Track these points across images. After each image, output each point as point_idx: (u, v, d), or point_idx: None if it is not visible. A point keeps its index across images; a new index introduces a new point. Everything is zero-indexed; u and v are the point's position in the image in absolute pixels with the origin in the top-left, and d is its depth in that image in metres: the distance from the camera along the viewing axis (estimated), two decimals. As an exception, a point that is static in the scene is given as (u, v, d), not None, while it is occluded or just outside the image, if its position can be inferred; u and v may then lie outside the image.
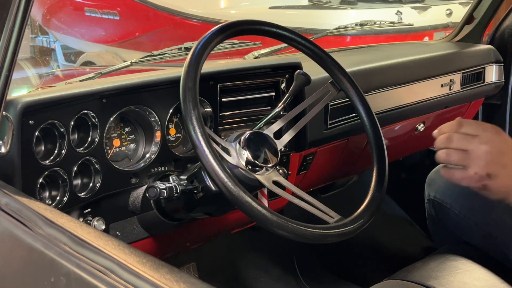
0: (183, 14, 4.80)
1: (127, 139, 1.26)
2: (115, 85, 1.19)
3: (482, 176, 0.98)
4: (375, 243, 2.17)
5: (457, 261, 1.37)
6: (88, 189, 1.17)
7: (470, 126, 1.01)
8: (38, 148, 1.10)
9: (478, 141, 0.99)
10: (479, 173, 0.97)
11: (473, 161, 0.98)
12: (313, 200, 1.06)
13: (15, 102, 1.01)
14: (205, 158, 0.97)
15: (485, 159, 0.97)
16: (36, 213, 0.84)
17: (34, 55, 6.07)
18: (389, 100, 1.76)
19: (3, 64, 0.92)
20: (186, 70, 1.03)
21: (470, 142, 0.99)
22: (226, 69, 1.37)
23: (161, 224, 1.27)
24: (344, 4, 4.47)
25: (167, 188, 1.13)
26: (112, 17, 5.21)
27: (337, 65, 1.22)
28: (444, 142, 1.02)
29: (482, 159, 0.97)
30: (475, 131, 1.00)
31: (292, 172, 1.49)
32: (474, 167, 0.98)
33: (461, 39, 2.20)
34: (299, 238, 0.98)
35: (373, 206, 1.08)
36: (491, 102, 2.24)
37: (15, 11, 0.91)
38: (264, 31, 1.19)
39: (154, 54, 1.66)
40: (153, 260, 0.72)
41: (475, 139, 0.99)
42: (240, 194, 0.96)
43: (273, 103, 1.44)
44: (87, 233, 0.78)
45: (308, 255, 2.10)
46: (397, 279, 1.32)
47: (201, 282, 0.68)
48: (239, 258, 2.02)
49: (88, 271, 0.71)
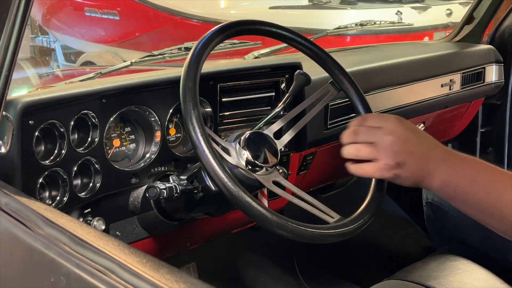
0: (183, 14, 4.80)
1: (127, 139, 1.26)
2: (115, 85, 1.19)
3: (392, 165, 0.99)
4: (375, 243, 2.17)
5: (457, 261, 1.37)
6: (88, 189, 1.17)
7: (373, 118, 1.03)
8: (38, 148, 1.10)
9: (382, 132, 1.00)
10: (388, 164, 0.99)
11: (381, 152, 0.99)
12: (313, 200, 1.06)
13: (15, 102, 1.01)
14: (205, 158, 0.97)
15: (392, 149, 0.99)
16: (36, 213, 0.84)
17: (34, 55, 6.07)
18: (389, 100, 1.76)
19: (3, 64, 0.92)
20: (186, 70, 1.03)
21: (375, 134, 1.00)
22: (226, 69, 1.37)
23: (161, 224, 1.26)
24: (344, 4, 4.47)
25: (167, 188, 1.13)
26: (112, 17, 5.21)
27: (337, 65, 1.22)
28: (351, 136, 1.03)
29: (389, 150, 0.99)
30: (379, 123, 1.02)
31: (292, 172, 1.49)
32: (383, 158, 0.99)
33: (461, 39, 2.20)
34: (299, 238, 0.98)
35: (373, 206, 1.08)
36: (491, 102, 2.24)
37: (15, 11, 0.91)
38: (264, 31, 1.19)
39: (154, 54, 1.66)
40: (153, 260, 0.72)
41: (380, 131, 1.01)
42: (240, 194, 0.96)
43: (273, 103, 1.44)
44: (87, 233, 0.78)
45: (308, 255, 2.10)
46: (397, 279, 1.32)
47: (201, 282, 0.68)
48: (239, 258, 2.02)
49: (88, 271, 0.71)
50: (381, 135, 1.00)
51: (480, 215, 1.00)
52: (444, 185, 1.00)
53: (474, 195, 0.98)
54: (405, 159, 0.99)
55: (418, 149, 1.00)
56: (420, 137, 1.03)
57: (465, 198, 0.99)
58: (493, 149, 2.27)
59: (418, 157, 1.00)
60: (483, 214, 0.99)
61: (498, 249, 1.39)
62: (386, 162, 0.99)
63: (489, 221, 1.00)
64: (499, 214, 0.96)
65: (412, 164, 0.99)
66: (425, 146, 1.02)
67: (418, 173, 1.00)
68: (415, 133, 1.03)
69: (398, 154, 0.99)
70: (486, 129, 2.30)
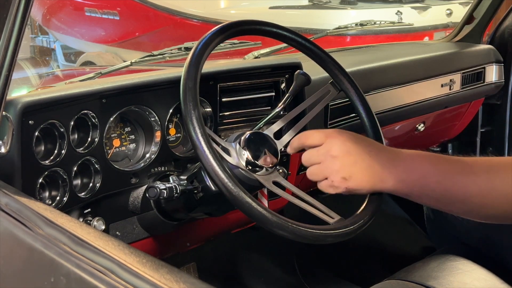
0: (183, 14, 4.80)
1: (127, 139, 1.26)
2: (115, 85, 1.19)
3: (340, 181, 1.01)
4: (375, 243, 2.17)
5: (457, 261, 1.37)
6: (88, 189, 1.17)
7: (313, 137, 1.05)
8: (38, 148, 1.10)
9: (324, 151, 1.02)
10: (335, 180, 1.01)
11: (326, 171, 1.01)
12: (313, 200, 1.06)
13: (15, 102, 1.01)
14: (205, 158, 0.97)
15: (334, 167, 1.01)
16: (36, 213, 0.84)
17: (34, 55, 6.06)
18: (389, 100, 1.76)
19: (3, 64, 0.92)
20: (186, 70, 1.03)
21: (319, 155, 1.02)
22: (226, 69, 1.37)
23: (161, 224, 1.26)
24: (344, 4, 4.46)
25: (167, 188, 1.13)
26: (112, 17, 5.21)
27: (337, 65, 1.22)
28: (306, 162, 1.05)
29: (332, 168, 1.01)
30: (319, 141, 1.03)
31: (292, 172, 1.49)
32: (330, 176, 1.01)
33: (461, 39, 2.20)
34: (299, 238, 0.97)
35: (373, 206, 1.08)
36: (491, 102, 2.24)
37: (15, 11, 0.90)
38: (264, 31, 1.19)
39: (154, 54, 1.66)
40: (153, 260, 0.72)
41: (322, 150, 1.02)
42: (240, 194, 0.96)
43: (273, 103, 1.44)
44: (87, 233, 0.78)
45: (308, 255, 2.09)
46: (397, 279, 1.32)
47: (201, 282, 0.68)
48: (239, 258, 2.02)
49: (88, 271, 0.71)
50: (323, 154, 1.02)
51: (437, 204, 1.02)
52: (397, 184, 1.01)
53: (427, 186, 0.99)
54: (350, 171, 1.00)
55: (361, 158, 1.01)
56: (362, 146, 1.03)
57: (419, 192, 1.00)
58: (493, 149, 2.27)
59: (363, 166, 1.01)
60: (440, 203, 1.02)
61: (498, 249, 1.40)
62: (333, 179, 1.01)
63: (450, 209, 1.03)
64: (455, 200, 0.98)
65: (358, 174, 1.00)
66: (368, 153, 1.03)
67: (368, 181, 1.01)
68: (356, 143, 1.03)
69: (341, 169, 1.00)
70: (486, 129, 2.30)
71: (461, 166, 1.00)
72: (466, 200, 0.97)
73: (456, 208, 1.01)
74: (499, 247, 1.39)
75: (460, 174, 0.99)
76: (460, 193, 0.97)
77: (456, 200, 0.98)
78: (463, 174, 0.99)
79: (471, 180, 0.98)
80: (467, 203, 0.98)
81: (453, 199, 0.98)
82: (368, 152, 1.03)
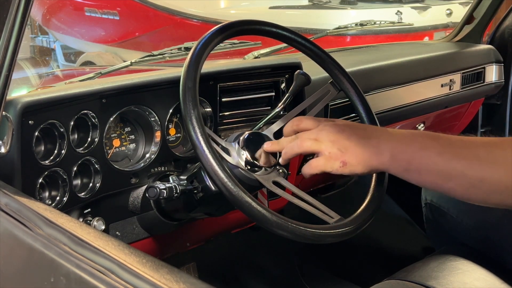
0: (183, 14, 4.79)
1: (127, 139, 1.26)
2: (115, 85, 1.19)
3: (336, 153, 1.01)
4: (375, 243, 2.17)
5: (457, 261, 1.37)
6: (88, 189, 1.17)
7: (307, 120, 1.07)
8: (38, 148, 1.10)
9: (320, 128, 1.04)
10: (331, 152, 1.01)
11: (322, 143, 1.02)
12: (313, 200, 1.06)
13: (15, 102, 1.01)
14: (205, 158, 0.97)
15: (331, 138, 1.01)
16: (36, 213, 0.84)
17: (34, 55, 6.06)
18: (389, 100, 1.76)
19: (3, 64, 0.92)
20: (186, 70, 1.03)
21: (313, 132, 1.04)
22: (226, 69, 1.37)
23: (161, 224, 1.26)
24: (344, 4, 4.46)
25: (167, 188, 1.13)
26: (112, 17, 5.21)
27: (337, 65, 1.22)
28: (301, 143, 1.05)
29: (329, 139, 1.02)
30: (313, 125, 1.05)
31: (292, 172, 1.49)
32: (326, 149, 1.01)
33: (461, 39, 2.20)
34: (299, 238, 0.97)
35: (373, 206, 1.08)
36: (491, 102, 2.25)
37: (15, 11, 0.90)
38: (264, 31, 1.19)
39: (154, 54, 1.66)
40: (153, 260, 0.72)
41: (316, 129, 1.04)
42: (239, 194, 0.96)
43: (273, 103, 1.44)
44: (87, 233, 0.78)
45: (308, 255, 2.09)
46: (397, 279, 1.32)
47: (201, 282, 0.68)
48: (239, 258, 2.02)
49: (88, 271, 0.71)
50: (316, 131, 1.03)
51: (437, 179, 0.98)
52: (395, 156, 0.99)
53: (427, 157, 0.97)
54: (345, 144, 1.01)
55: (355, 132, 1.02)
56: (356, 124, 1.06)
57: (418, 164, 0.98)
58: (493, 149, 2.27)
59: (358, 139, 1.01)
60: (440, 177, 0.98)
61: (497, 250, 1.39)
62: (329, 151, 1.01)
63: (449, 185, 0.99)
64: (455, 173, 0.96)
65: (354, 147, 1.00)
66: (363, 128, 1.05)
67: (364, 153, 1.00)
68: (349, 123, 1.06)
69: (337, 141, 1.01)
70: (486, 129, 2.30)
71: (461, 140, 0.99)
72: (466, 173, 0.95)
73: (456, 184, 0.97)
74: (498, 248, 1.39)
75: (460, 147, 0.98)
76: (461, 164, 0.95)
77: (456, 174, 0.95)
78: (463, 147, 0.98)
79: (472, 152, 0.96)
80: (467, 176, 0.95)
81: (454, 172, 0.96)
82: (363, 128, 1.05)
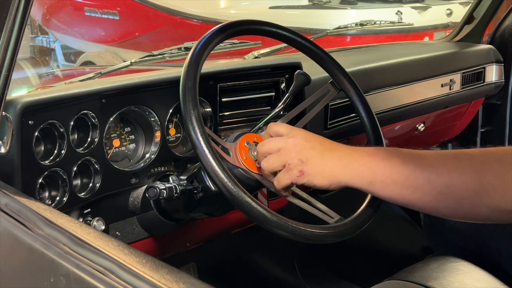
0: (183, 14, 4.79)
1: (127, 139, 1.26)
2: (115, 85, 1.19)
3: (296, 163, 1.00)
4: (375, 243, 2.17)
5: (458, 262, 1.37)
6: (88, 189, 1.17)
7: (281, 126, 1.07)
8: (38, 148, 1.10)
9: (286, 137, 1.03)
10: (292, 163, 1.00)
11: (286, 155, 1.01)
12: (313, 200, 1.06)
13: (15, 102, 1.01)
14: (205, 158, 0.97)
15: (295, 149, 1.01)
16: (35, 214, 0.84)
17: (34, 55, 6.06)
18: (389, 100, 1.76)
19: (3, 64, 0.92)
20: (186, 70, 1.03)
21: (280, 140, 1.03)
22: (226, 69, 1.37)
23: (161, 224, 1.26)
24: (344, 4, 4.46)
25: (167, 188, 1.13)
26: (112, 17, 5.20)
27: (337, 65, 1.22)
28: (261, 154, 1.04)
29: (292, 150, 1.01)
30: (284, 131, 1.05)
31: (292, 172, 1.49)
32: (288, 160, 1.01)
33: (461, 39, 2.20)
34: (298, 238, 0.97)
35: (373, 206, 1.08)
36: (491, 102, 2.25)
37: (15, 11, 0.90)
38: (264, 31, 1.19)
39: (154, 54, 1.66)
40: (152, 260, 0.72)
41: (284, 137, 1.04)
42: (239, 194, 0.96)
43: (273, 103, 1.44)
44: (87, 234, 0.78)
45: (308, 255, 2.09)
46: (397, 279, 1.32)
47: (201, 282, 0.68)
48: (239, 258, 2.02)
49: (88, 272, 0.71)
50: (284, 139, 1.03)
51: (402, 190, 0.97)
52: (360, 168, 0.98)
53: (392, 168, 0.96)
54: (307, 154, 1.00)
55: (322, 143, 1.02)
56: (324, 139, 1.05)
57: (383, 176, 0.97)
58: (493, 149, 2.27)
59: (322, 151, 1.01)
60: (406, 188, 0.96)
61: (494, 257, 1.40)
62: (290, 162, 1.00)
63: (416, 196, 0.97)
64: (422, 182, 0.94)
65: (316, 158, 1.00)
66: (329, 142, 1.04)
67: (324, 164, 0.99)
68: (318, 137, 1.05)
69: (301, 151, 1.00)
70: (486, 129, 2.30)
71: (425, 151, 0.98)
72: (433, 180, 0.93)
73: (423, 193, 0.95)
74: (495, 255, 1.40)
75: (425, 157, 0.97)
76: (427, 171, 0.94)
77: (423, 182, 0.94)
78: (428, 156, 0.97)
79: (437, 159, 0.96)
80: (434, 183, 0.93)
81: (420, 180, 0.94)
82: (330, 142, 1.04)
